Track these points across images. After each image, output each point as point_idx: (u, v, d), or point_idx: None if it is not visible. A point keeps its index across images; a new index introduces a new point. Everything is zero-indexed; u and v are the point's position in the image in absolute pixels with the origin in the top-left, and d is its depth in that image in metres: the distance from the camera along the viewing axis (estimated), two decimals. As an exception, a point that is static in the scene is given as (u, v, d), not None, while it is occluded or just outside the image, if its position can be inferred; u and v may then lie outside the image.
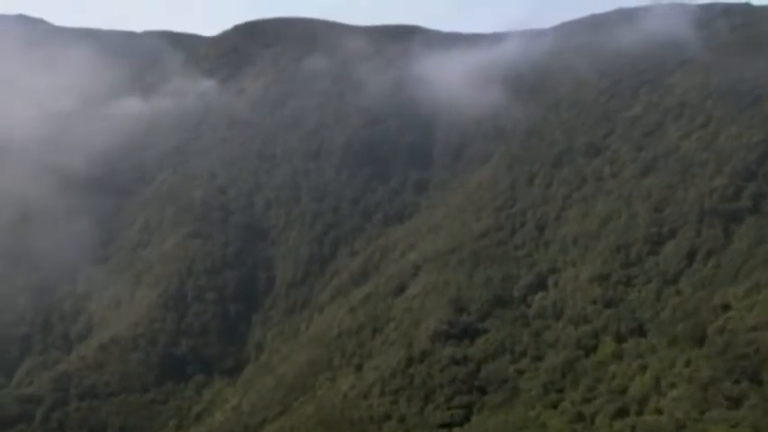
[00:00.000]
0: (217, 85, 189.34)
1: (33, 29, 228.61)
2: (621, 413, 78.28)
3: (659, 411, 75.84)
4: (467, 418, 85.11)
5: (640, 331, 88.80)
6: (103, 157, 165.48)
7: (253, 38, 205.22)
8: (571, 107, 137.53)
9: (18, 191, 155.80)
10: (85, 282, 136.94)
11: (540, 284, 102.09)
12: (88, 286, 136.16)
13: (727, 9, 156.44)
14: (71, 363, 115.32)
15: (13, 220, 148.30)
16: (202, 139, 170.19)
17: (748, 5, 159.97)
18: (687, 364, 79.92)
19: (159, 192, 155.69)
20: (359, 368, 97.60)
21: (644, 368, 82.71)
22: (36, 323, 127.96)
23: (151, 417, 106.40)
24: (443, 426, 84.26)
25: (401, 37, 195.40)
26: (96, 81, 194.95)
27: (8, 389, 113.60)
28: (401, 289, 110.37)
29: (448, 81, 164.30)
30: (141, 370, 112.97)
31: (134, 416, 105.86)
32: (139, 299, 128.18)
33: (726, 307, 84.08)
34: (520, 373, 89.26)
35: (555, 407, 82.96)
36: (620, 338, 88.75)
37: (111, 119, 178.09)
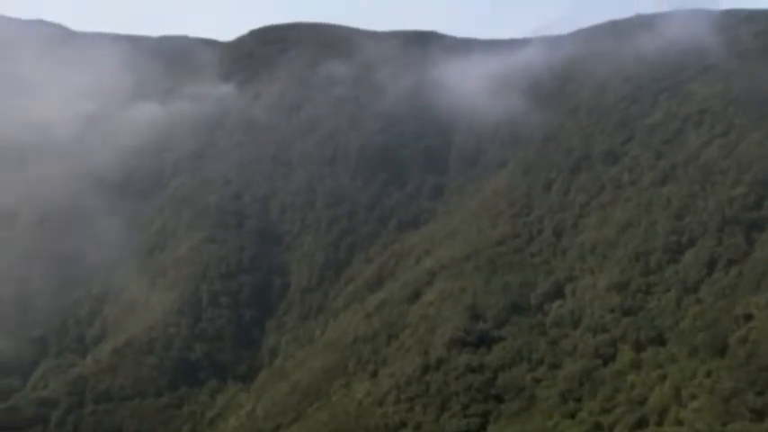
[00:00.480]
0: (233, 89, 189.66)
1: (52, 33, 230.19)
2: (641, 424, 77.09)
3: (680, 423, 74.48)
4: (483, 427, 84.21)
5: (660, 340, 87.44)
6: (121, 161, 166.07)
7: (269, 43, 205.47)
8: (590, 113, 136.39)
9: (36, 194, 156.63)
10: (101, 285, 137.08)
11: (558, 292, 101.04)
12: (104, 289, 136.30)
13: (751, 15, 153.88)
14: (86, 366, 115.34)
15: (32, 223, 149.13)
16: (218, 144, 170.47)
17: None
18: (708, 374, 78.52)
19: (175, 196, 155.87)
20: (374, 375, 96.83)
21: (663, 378, 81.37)
22: (52, 326, 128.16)
23: (165, 421, 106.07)
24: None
25: (418, 42, 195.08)
26: (113, 85, 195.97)
27: (24, 391, 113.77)
28: (417, 295, 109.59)
29: (465, 87, 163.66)
30: (155, 374, 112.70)
31: (148, 420, 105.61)
32: (154, 303, 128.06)
33: (748, 317, 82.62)
34: (537, 381, 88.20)
35: (573, 416, 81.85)
36: (639, 347, 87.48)
37: (128, 123, 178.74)
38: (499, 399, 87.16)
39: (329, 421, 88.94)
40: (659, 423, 76.18)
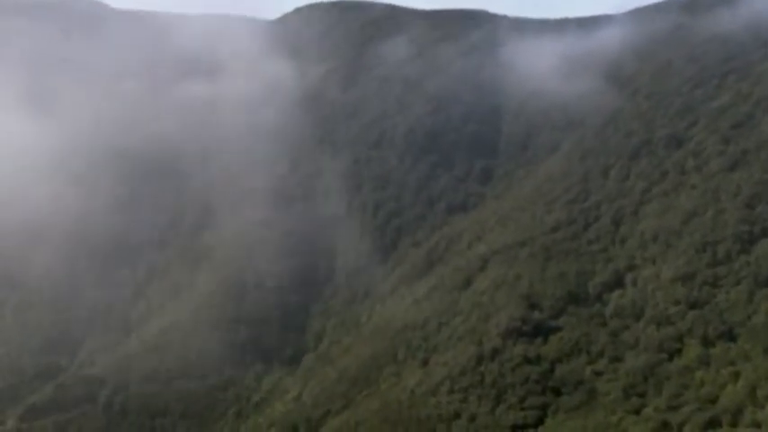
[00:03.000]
0: (278, 69, 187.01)
1: (93, 11, 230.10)
2: (713, 424, 72.77)
3: (757, 425, 70.08)
4: (540, 420, 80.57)
5: (730, 335, 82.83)
6: (165, 140, 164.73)
7: (314, 21, 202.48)
8: (651, 96, 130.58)
9: (81, 176, 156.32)
10: (146, 265, 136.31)
11: (618, 282, 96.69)
12: (148, 269, 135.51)
13: None
14: (132, 346, 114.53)
15: (77, 205, 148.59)
16: (263, 125, 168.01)
17: None
18: (786, 374, 73.79)
19: (220, 176, 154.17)
20: (425, 363, 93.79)
21: (736, 376, 76.88)
22: (98, 306, 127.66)
23: (211, 404, 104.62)
24: (516, 427, 79.89)
25: (467, 23, 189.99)
26: (158, 64, 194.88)
27: (72, 369, 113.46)
28: (468, 282, 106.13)
29: (516, 68, 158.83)
30: (201, 356, 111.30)
31: (195, 403, 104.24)
32: (199, 285, 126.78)
33: (828, 313, 77.59)
34: (597, 374, 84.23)
35: (637, 413, 77.77)
36: (706, 342, 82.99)
37: (173, 102, 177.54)
38: (557, 392, 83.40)
39: (380, 410, 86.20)
40: (733, 424, 71.82)
